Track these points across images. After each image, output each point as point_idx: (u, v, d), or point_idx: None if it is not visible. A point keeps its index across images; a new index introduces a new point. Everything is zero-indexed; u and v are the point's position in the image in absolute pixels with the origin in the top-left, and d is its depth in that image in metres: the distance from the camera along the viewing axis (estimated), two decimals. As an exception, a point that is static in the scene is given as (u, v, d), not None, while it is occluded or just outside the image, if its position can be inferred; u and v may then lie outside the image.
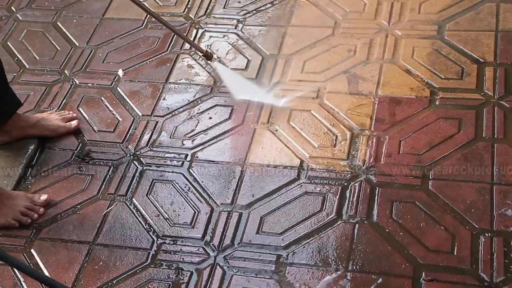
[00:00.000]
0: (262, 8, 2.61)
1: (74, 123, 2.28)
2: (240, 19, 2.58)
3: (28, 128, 2.23)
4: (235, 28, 2.55)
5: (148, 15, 2.63)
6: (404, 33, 2.41)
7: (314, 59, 2.39)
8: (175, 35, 2.54)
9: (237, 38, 2.51)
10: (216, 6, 2.65)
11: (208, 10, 2.64)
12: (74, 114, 2.32)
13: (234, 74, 2.39)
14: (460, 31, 2.37)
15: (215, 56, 2.31)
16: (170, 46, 2.52)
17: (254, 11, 2.61)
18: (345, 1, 2.56)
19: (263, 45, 2.47)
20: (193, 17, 2.62)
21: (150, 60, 2.49)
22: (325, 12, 2.54)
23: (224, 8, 2.64)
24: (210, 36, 2.54)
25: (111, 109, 2.35)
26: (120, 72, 2.45)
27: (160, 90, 2.38)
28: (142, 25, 2.62)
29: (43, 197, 2.07)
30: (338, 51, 2.40)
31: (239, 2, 2.65)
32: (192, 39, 2.53)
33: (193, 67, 2.44)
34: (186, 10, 2.66)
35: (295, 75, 2.35)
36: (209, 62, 2.36)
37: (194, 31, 2.57)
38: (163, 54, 2.50)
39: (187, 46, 2.51)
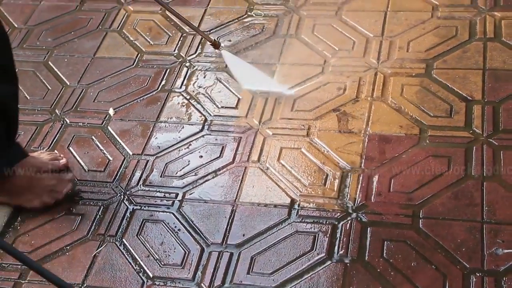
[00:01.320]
0: (251, 46, 2.62)
1: (62, 161, 2.27)
2: (231, 56, 2.60)
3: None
4: (226, 66, 2.56)
5: (139, 55, 2.65)
6: (393, 71, 2.42)
7: (304, 97, 2.40)
8: (166, 74, 2.56)
9: (227, 76, 2.52)
10: (206, 44, 2.66)
11: (199, 49, 2.65)
12: (61, 155, 2.30)
13: (241, 62, 2.45)
14: (448, 69, 2.39)
15: (222, 45, 2.40)
16: (161, 84, 2.53)
17: (244, 49, 2.62)
18: (334, 40, 2.58)
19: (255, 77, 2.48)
20: (183, 56, 2.63)
21: (141, 98, 2.49)
22: (314, 50, 2.56)
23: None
24: (201, 74, 2.55)
25: (101, 148, 2.34)
26: (111, 111, 2.45)
27: (151, 129, 2.37)
28: (133, 64, 2.62)
29: (69, 174, 2.22)
30: (327, 89, 2.41)
31: (229, 41, 2.67)
32: (182, 78, 2.54)
33: (183, 106, 2.44)
34: (177, 48, 2.67)
35: (285, 113, 2.35)
36: (216, 50, 2.46)
37: (185, 69, 2.58)
38: (154, 92, 2.50)
39: (178, 84, 2.52)
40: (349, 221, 2.00)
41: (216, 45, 2.43)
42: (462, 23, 2.55)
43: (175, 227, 2.07)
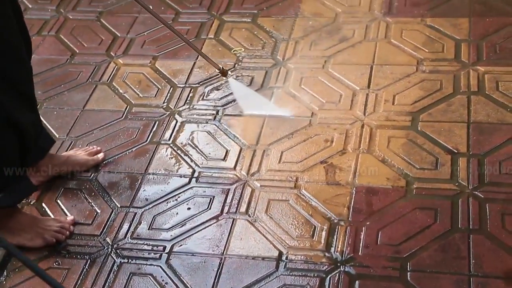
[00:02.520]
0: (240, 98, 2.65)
1: (100, 155, 2.45)
2: (219, 110, 2.61)
3: (61, 165, 2.38)
4: (214, 118, 2.58)
5: (128, 107, 2.68)
6: (379, 123, 2.45)
7: (292, 149, 2.41)
8: (155, 126, 2.57)
9: (216, 129, 2.54)
10: (195, 97, 2.69)
11: (188, 101, 2.68)
12: (99, 148, 2.48)
13: (246, 90, 2.56)
14: (434, 122, 2.42)
15: (229, 72, 2.48)
16: (150, 136, 2.54)
17: (233, 102, 2.64)
18: (322, 92, 2.62)
19: (242, 135, 2.50)
20: (172, 108, 2.66)
21: (130, 151, 2.50)
22: (302, 103, 2.59)
23: (203, 99, 2.68)
24: (189, 127, 2.56)
25: (89, 200, 2.34)
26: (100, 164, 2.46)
27: (139, 181, 2.38)
28: (122, 116, 2.64)
29: (70, 217, 2.26)
30: (315, 141, 2.43)
31: (218, 89, 2.70)
32: (171, 130, 2.55)
33: (172, 158, 2.45)
34: (166, 101, 2.69)
35: (273, 165, 2.36)
36: (224, 78, 2.56)
37: (174, 121, 2.59)
38: (142, 144, 2.52)
39: (166, 136, 2.53)
40: (337, 274, 2.00)
41: (224, 73, 2.52)
42: (447, 77, 2.59)
43: (163, 280, 2.05)
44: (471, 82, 2.55)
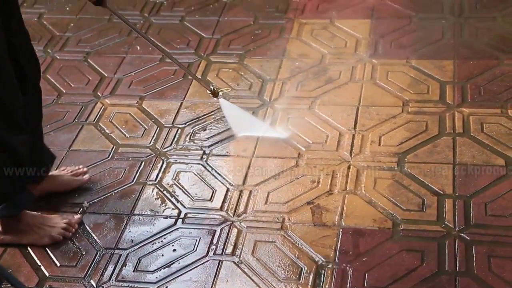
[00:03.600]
0: (227, 139, 2.66)
1: (86, 176, 2.51)
2: (206, 150, 2.62)
3: (46, 186, 2.41)
4: (201, 159, 2.58)
5: (115, 147, 2.68)
6: (366, 164, 2.46)
7: (279, 189, 2.42)
8: (141, 166, 2.57)
9: (203, 169, 2.54)
10: (182, 137, 2.69)
11: (174, 141, 2.68)
12: (85, 169, 2.54)
13: (238, 111, 2.58)
14: (419, 163, 2.44)
15: (221, 93, 2.48)
16: (136, 177, 2.54)
17: (220, 142, 2.65)
18: (308, 133, 2.63)
19: (228, 176, 2.50)
20: (159, 148, 2.66)
21: (116, 191, 2.49)
22: (288, 143, 2.60)
23: (189, 139, 2.68)
24: (176, 167, 2.56)
25: (74, 242, 2.32)
26: (85, 204, 2.45)
27: (125, 222, 2.36)
28: (108, 156, 2.64)
29: (77, 216, 2.37)
30: (302, 182, 2.43)
31: (205, 130, 2.71)
32: (157, 170, 2.55)
33: (158, 198, 2.45)
34: (152, 141, 2.69)
35: (260, 206, 2.36)
36: (215, 98, 2.54)
37: (160, 162, 2.59)
38: (128, 185, 2.51)
39: (152, 177, 2.53)
40: (324, 317, 1.99)
41: (215, 94, 2.51)
42: (432, 118, 2.62)
43: (148, 324, 2.03)
44: (456, 123, 2.58)
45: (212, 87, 2.50)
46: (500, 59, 2.87)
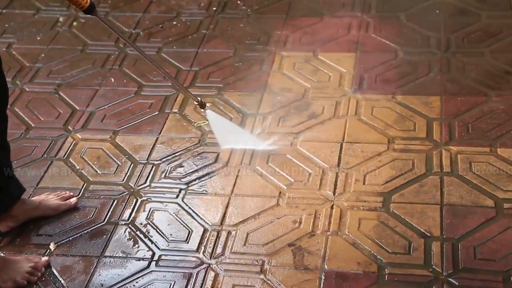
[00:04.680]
0: (204, 177, 2.65)
1: (73, 200, 2.55)
2: (182, 188, 2.60)
3: (32, 210, 2.48)
4: (177, 197, 2.57)
5: (85, 185, 2.65)
6: (350, 204, 2.46)
7: (258, 230, 2.40)
8: (113, 205, 2.55)
9: (178, 208, 2.52)
10: (157, 174, 2.68)
11: (149, 179, 2.66)
12: (71, 193, 2.58)
13: (225, 123, 2.66)
14: (406, 204, 2.44)
15: (208, 105, 2.58)
16: (107, 216, 2.51)
17: (197, 180, 2.64)
18: (290, 171, 2.63)
19: (206, 215, 2.48)
20: (133, 186, 2.63)
21: (85, 231, 2.46)
22: (269, 181, 2.59)
23: (165, 176, 2.67)
24: (150, 206, 2.54)
25: (40, 287, 2.27)
26: (52, 246, 2.41)
27: (95, 265, 2.32)
28: (78, 194, 2.61)
29: (44, 258, 2.34)
30: (282, 222, 2.42)
31: (182, 166, 2.69)
32: (131, 209, 2.53)
33: (131, 239, 2.41)
34: (126, 178, 2.67)
35: (238, 248, 2.34)
36: (202, 110, 2.66)
37: (134, 200, 2.57)
38: (99, 225, 2.48)
39: (125, 216, 2.50)
40: None
41: (202, 105, 2.61)
42: (419, 156, 2.63)
43: None
44: (444, 162, 2.59)
45: (199, 99, 2.58)
46: (488, 95, 2.89)
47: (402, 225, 2.36)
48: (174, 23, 3.58)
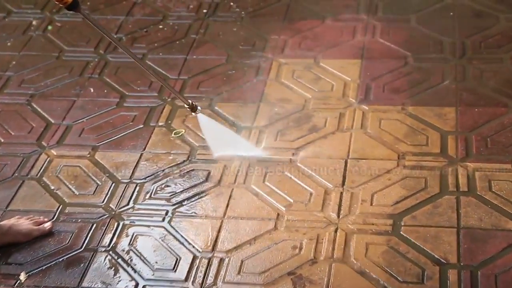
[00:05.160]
0: (194, 197, 2.64)
1: (47, 225, 2.54)
2: (169, 210, 2.59)
3: (1, 236, 2.46)
4: (163, 220, 2.56)
5: (61, 207, 2.64)
6: (356, 227, 2.45)
7: (254, 257, 2.39)
8: (92, 229, 2.54)
9: (165, 233, 2.51)
10: (141, 195, 2.67)
11: (132, 200, 2.65)
12: (45, 219, 2.56)
13: (217, 128, 2.69)
14: (418, 227, 2.43)
15: (199, 107, 2.61)
16: (85, 242, 2.50)
17: (186, 201, 2.63)
18: (289, 190, 2.62)
19: (195, 240, 2.47)
20: (114, 208, 2.62)
21: (61, 259, 2.44)
22: (266, 202, 2.59)
23: (150, 197, 2.66)
24: (134, 231, 2.53)
25: (7, 325, 2.27)
26: (23, 276, 2.39)
27: (71, 297, 2.32)
28: (53, 218, 2.60)
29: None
30: (281, 248, 2.41)
31: (169, 186, 2.68)
32: (111, 234, 2.51)
33: (111, 268, 2.39)
34: (106, 199, 2.66)
35: (231, 277, 2.33)
36: (193, 113, 2.66)
37: (115, 224, 2.55)
38: (76, 252, 2.47)
39: (105, 242, 2.49)
40: None
41: (193, 108, 2.62)
42: (432, 174, 2.62)
43: None
44: (460, 180, 2.58)
45: (190, 101, 2.61)
46: (508, 106, 2.90)
47: (414, 250, 2.34)
48: (160, 27, 3.60)
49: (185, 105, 2.65)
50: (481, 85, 3.02)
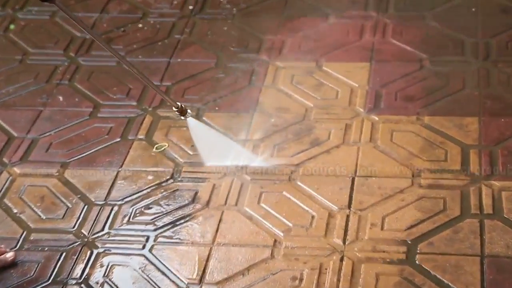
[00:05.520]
0: (179, 221, 2.65)
1: (9, 255, 2.53)
2: (150, 236, 2.60)
3: None
4: (143, 247, 2.57)
5: (25, 233, 2.65)
6: (364, 255, 2.46)
7: (248, 291, 2.41)
8: (61, 259, 2.54)
9: (145, 262, 2.52)
10: (118, 218, 2.68)
11: (108, 225, 2.65)
12: (7, 249, 2.54)
13: (209, 133, 2.75)
14: (436, 255, 2.44)
15: (189, 111, 2.65)
16: (54, 273, 2.50)
17: (169, 225, 2.64)
18: (287, 213, 2.63)
19: (180, 271, 2.48)
20: (86, 234, 2.63)
21: (26, 293, 2.46)
22: (261, 227, 2.60)
23: (128, 221, 2.67)
24: (109, 260, 2.54)
25: None
26: (-19, 313, 2.40)
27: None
28: (16, 246, 2.60)
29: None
30: (278, 280, 2.42)
31: (150, 208, 2.69)
32: (83, 264, 2.52)
33: (84, 303, 2.42)
34: (78, 224, 2.67)
35: (223, 314, 2.35)
36: (182, 117, 2.69)
37: (88, 252, 2.56)
38: (43, 285, 2.46)
39: (76, 273, 2.49)
40: None
41: (182, 111, 2.66)
42: (452, 194, 2.63)
43: None
44: (484, 201, 2.59)
45: (179, 104, 2.64)
46: (539, 116, 2.93)
47: (431, 282, 2.36)
48: (140, 25, 3.62)
49: (173, 108, 2.67)
50: (508, 92, 3.04)
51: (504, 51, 3.25)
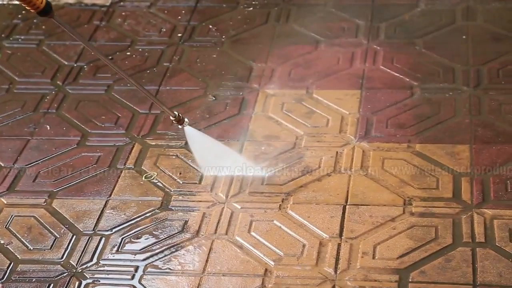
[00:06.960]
0: (169, 250, 2.65)
1: None
2: (140, 266, 2.60)
3: None
4: (132, 278, 2.57)
5: (12, 265, 2.64)
6: (356, 284, 2.46)
7: (239, 321, 2.41)
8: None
9: (137, 292, 2.53)
10: (106, 248, 2.68)
11: (96, 255, 2.66)
12: None
13: (208, 142, 2.81)
14: (428, 284, 2.44)
15: (186, 119, 2.76)
16: (41, 304, 2.51)
17: (158, 255, 2.64)
18: (278, 242, 2.64)
19: (171, 299, 2.49)
20: (74, 265, 2.63)
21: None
22: (252, 256, 2.60)
23: (117, 251, 2.67)
24: (98, 291, 2.55)
25: None
26: None
27: None
28: (2, 278, 2.59)
29: None
30: (270, 310, 2.43)
31: (139, 237, 2.69)
32: (72, 295, 2.53)
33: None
34: (66, 255, 2.67)
35: None
36: (179, 126, 2.80)
37: (76, 283, 2.56)
38: (31, 316, 2.48)
39: (64, 304, 2.50)
40: None
41: (180, 120, 2.78)
42: (443, 222, 2.65)
43: None
44: (476, 230, 2.60)
45: (176, 113, 2.73)
46: (531, 143, 2.94)
47: (425, 311, 2.38)
48: (128, 53, 3.63)
49: (171, 117, 2.76)
50: (499, 120, 3.06)
51: (495, 78, 3.27)
